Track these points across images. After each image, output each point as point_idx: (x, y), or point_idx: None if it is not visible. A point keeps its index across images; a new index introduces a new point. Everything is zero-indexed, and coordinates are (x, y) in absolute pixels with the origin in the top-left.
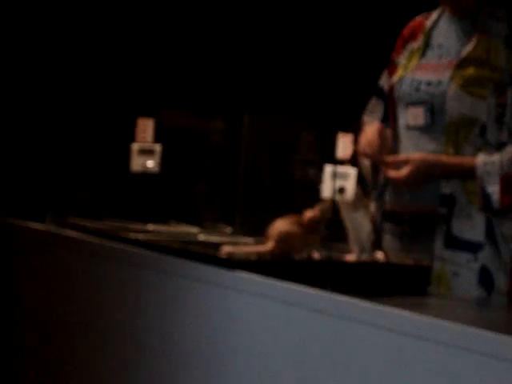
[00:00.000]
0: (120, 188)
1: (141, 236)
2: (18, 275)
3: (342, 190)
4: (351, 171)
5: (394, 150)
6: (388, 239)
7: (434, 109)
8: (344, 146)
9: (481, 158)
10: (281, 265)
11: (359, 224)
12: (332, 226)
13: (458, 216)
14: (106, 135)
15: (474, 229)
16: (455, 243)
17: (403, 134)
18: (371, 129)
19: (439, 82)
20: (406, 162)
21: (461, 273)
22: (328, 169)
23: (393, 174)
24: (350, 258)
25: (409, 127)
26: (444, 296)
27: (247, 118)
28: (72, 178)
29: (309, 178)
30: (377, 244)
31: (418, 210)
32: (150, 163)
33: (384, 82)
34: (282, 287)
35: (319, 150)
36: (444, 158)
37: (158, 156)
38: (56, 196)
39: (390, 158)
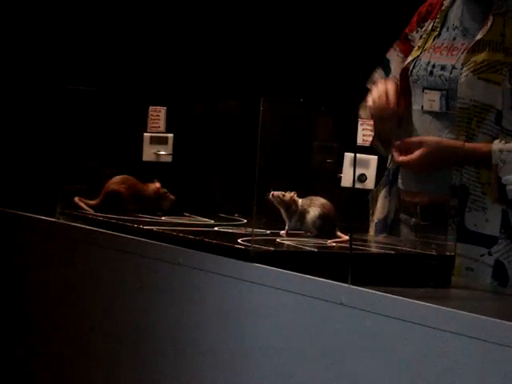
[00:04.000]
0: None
1: (155, 228)
2: (28, 269)
3: (362, 178)
4: (372, 158)
5: (406, 132)
6: (404, 230)
7: (449, 95)
8: (364, 132)
9: (496, 146)
10: (299, 256)
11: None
12: None
13: (471, 208)
14: (117, 124)
15: (488, 222)
16: (469, 237)
17: (416, 118)
18: (385, 85)
19: (453, 67)
20: (419, 145)
21: (475, 267)
22: (348, 156)
23: (402, 158)
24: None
25: (423, 111)
26: (467, 287)
27: (264, 104)
28: (81, 170)
29: (328, 165)
30: (394, 232)
31: (429, 200)
32: (163, 152)
33: (391, 55)
34: (300, 279)
35: (338, 137)
36: (459, 143)
37: (170, 145)
38: (64, 188)
39: (402, 141)
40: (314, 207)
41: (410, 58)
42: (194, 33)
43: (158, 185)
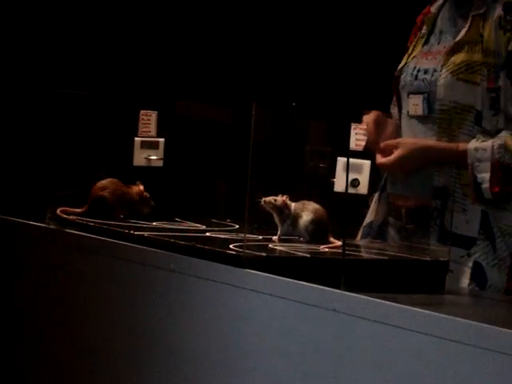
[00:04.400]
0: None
1: (146, 233)
2: (18, 274)
3: (355, 183)
4: (365, 163)
5: (396, 138)
6: (392, 234)
7: (430, 98)
8: (357, 136)
9: (472, 144)
10: (291, 262)
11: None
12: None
13: (451, 210)
14: (108, 129)
15: (468, 223)
16: (448, 238)
17: (404, 123)
18: (368, 117)
19: (434, 70)
20: (396, 147)
21: (454, 268)
22: (341, 161)
23: (381, 159)
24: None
25: (409, 116)
26: (461, 293)
27: (256, 108)
28: (72, 174)
29: (320, 170)
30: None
31: (416, 203)
32: (154, 157)
33: None
34: (292, 285)
35: (331, 141)
36: (436, 143)
37: (161, 150)
38: (55, 193)
39: (382, 144)
40: (307, 212)
41: (400, 66)
42: (186, 37)
43: (141, 187)
